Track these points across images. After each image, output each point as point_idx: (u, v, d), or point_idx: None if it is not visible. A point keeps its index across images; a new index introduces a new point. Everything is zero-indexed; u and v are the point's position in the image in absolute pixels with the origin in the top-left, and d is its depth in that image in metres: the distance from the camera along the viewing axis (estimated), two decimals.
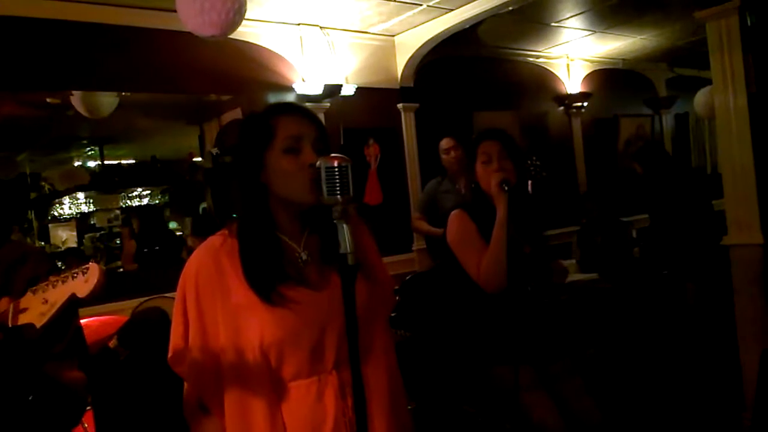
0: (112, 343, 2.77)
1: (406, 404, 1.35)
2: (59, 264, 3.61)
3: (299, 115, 1.23)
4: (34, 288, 0.95)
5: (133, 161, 5.41)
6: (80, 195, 5.14)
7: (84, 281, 0.91)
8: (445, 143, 3.79)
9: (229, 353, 1.15)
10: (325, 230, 1.18)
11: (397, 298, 2.90)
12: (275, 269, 1.18)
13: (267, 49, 3.94)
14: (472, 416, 2.18)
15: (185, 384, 1.25)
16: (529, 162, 2.33)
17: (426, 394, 2.67)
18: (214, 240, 1.24)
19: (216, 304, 1.17)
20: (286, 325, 1.15)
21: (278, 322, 1.15)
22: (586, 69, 6.05)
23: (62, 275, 0.93)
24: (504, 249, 1.95)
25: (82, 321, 1.35)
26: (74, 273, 0.92)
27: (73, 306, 0.97)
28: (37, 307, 0.93)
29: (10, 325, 0.94)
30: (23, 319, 0.94)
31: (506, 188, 2.01)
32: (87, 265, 0.92)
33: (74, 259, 4.22)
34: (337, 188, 1.05)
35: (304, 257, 1.23)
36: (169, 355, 1.21)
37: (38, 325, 0.93)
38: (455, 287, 2.17)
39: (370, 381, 1.18)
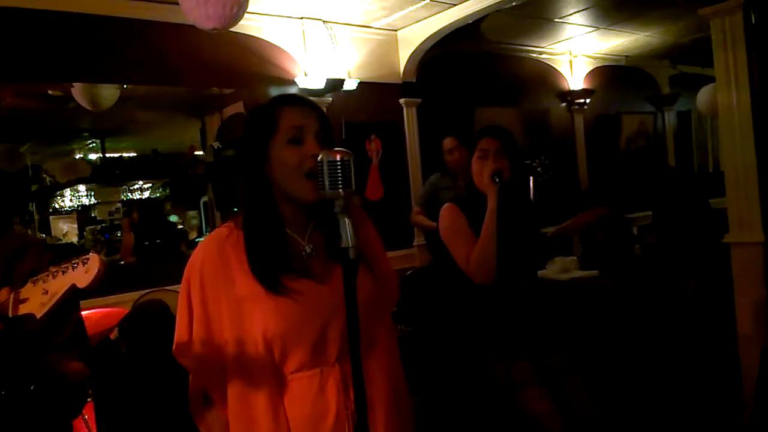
0: (113, 335, 2.78)
1: (409, 399, 1.35)
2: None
3: (302, 106, 1.23)
4: (35, 278, 0.95)
5: (135, 154, 5.41)
6: (81, 187, 5.15)
7: (84, 271, 0.91)
8: (447, 143, 3.75)
9: (232, 344, 1.15)
10: (329, 224, 1.18)
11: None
12: (280, 259, 1.18)
13: (269, 42, 3.92)
14: (470, 412, 2.18)
15: (190, 377, 1.25)
16: (537, 161, 2.33)
17: (426, 390, 2.68)
18: (220, 231, 1.24)
19: (220, 296, 1.17)
20: (289, 316, 1.15)
21: (281, 313, 1.15)
22: (588, 65, 6.03)
23: (62, 265, 0.93)
24: (494, 239, 1.95)
25: (83, 313, 1.35)
26: (74, 263, 0.92)
27: (74, 297, 0.97)
28: (38, 298, 0.93)
29: (10, 315, 0.94)
30: (23, 310, 0.94)
31: (497, 180, 2.01)
32: (87, 255, 0.92)
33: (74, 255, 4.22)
34: (339, 182, 1.04)
35: (309, 250, 1.23)
36: (174, 346, 1.21)
37: (38, 315, 0.93)
38: (450, 282, 2.17)
39: (372, 374, 1.18)
